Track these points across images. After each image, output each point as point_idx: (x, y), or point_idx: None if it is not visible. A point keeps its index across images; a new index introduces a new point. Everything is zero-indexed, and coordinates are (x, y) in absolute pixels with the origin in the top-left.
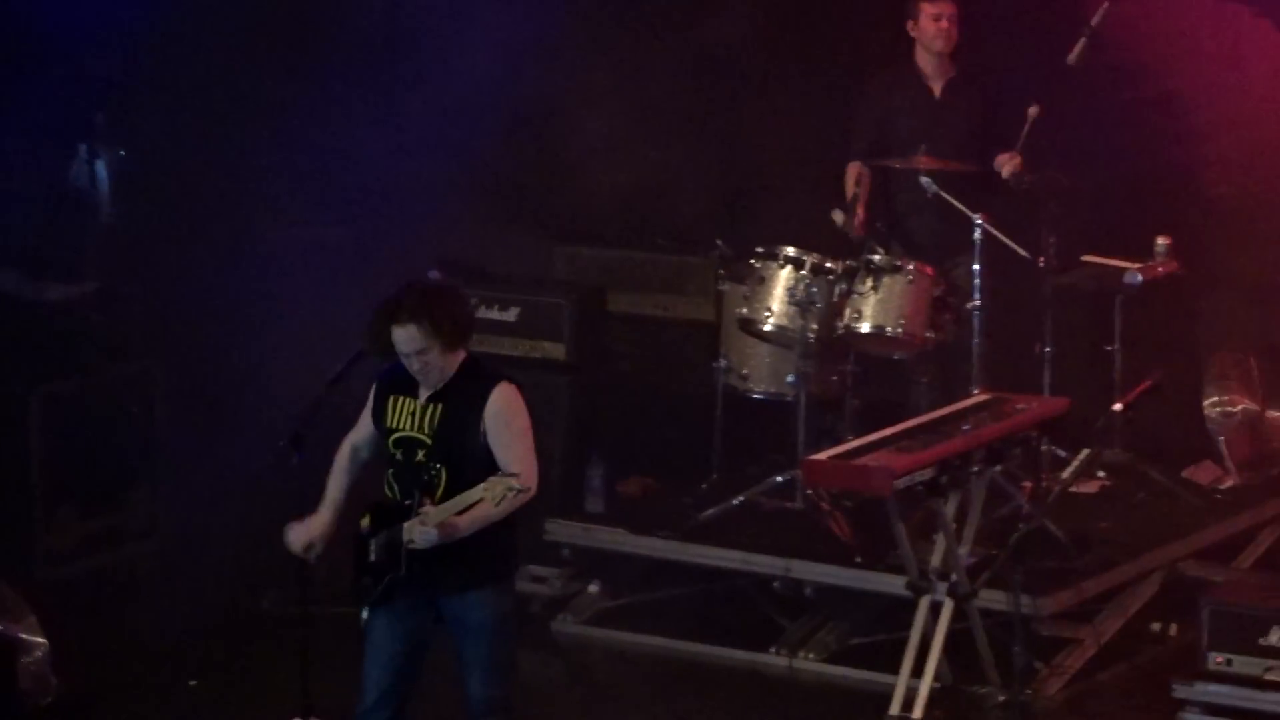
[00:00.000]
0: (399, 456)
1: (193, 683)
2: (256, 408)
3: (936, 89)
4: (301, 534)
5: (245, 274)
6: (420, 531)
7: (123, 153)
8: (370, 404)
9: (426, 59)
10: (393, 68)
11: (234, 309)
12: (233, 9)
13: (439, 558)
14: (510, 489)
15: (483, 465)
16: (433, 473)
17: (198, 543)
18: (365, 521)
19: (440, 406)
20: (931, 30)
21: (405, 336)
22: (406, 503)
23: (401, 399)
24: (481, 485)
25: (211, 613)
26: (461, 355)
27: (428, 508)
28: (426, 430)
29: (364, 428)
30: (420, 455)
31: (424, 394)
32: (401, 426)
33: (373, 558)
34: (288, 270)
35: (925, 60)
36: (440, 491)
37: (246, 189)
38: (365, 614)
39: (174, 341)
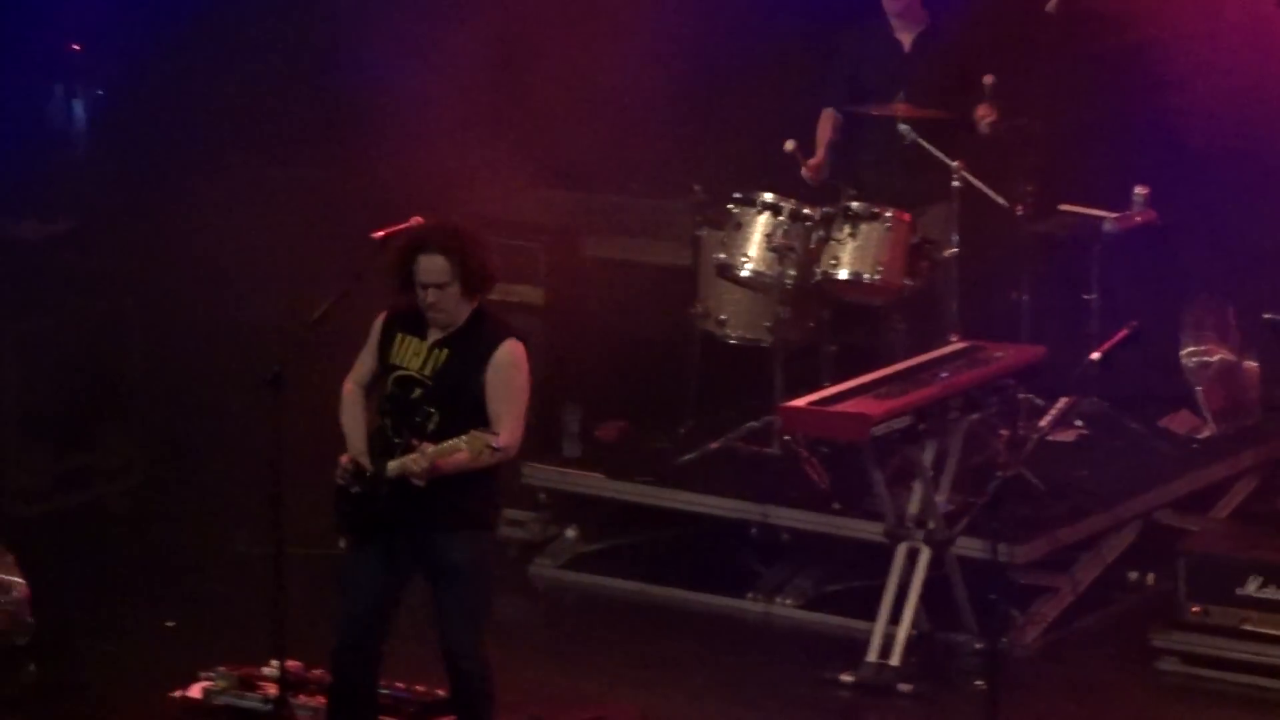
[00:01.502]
0: (396, 393)
1: (169, 623)
2: (231, 347)
3: (906, 41)
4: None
5: (220, 213)
6: (409, 467)
7: (100, 91)
8: (375, 339)
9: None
10: (367, 7)
11: (208, 248)
12: None
13: (421, 497)
14: (489, 447)
15: (477, 414)
16: (426, 414)
17: (171, 482)
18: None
19: (446, 352)
20: None
21: (431, 267)
22: (396, 441)
23: (409, 338)
24: (464, 437)
25: (186, 552)
26: (474, 304)
27: (424, 446)
28: (429, 372)
29: (364, 367)
30: (417, 393)
31: (432, 336)
32: (405, 365)
33: (355, 489)
34: (262, 210)
35: (893, 12)
36: (430, 434)
37: (221, 128)
38: (343, 544)
39: (148, 280)
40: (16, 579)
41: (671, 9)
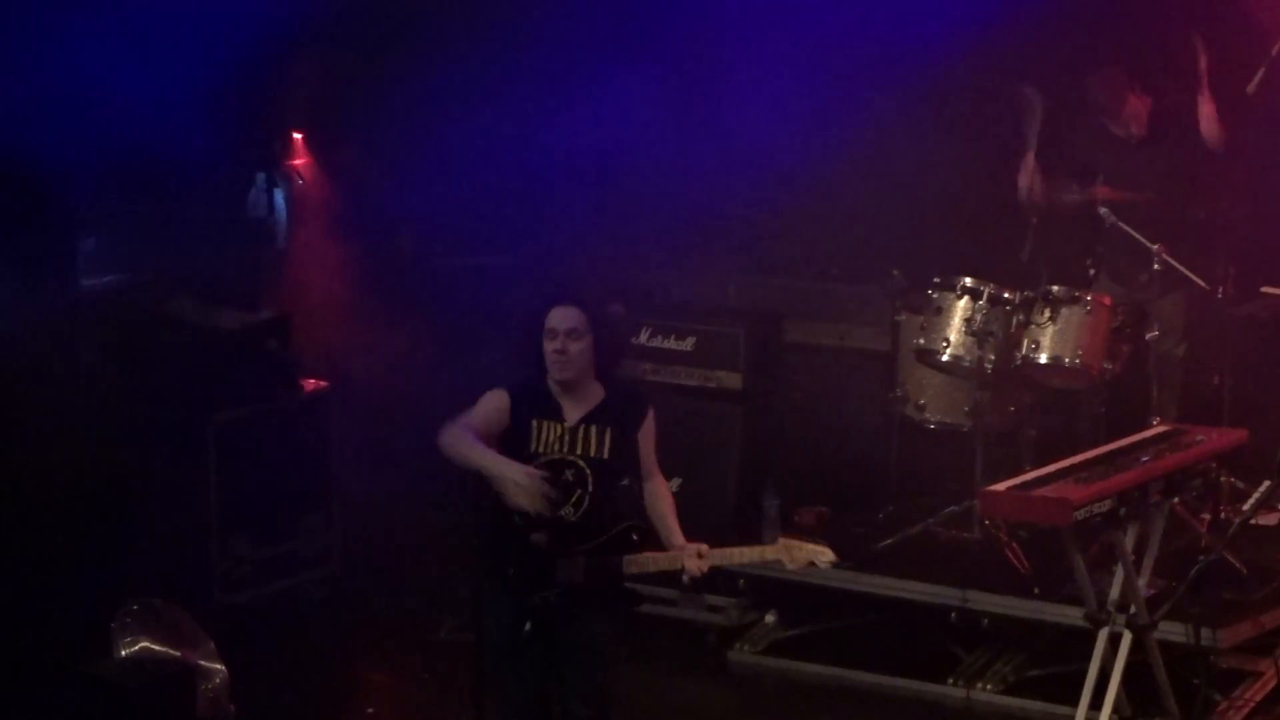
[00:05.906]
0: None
1: (370, 710)
2: (431, 436)
3: (1139, 132)
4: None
5: (419, 303)
6: (690, 569)
7: (300, 181)
8: (506, 416)
9: (600, 90)
10: (567, 97)
11: (408, 337)
12: (405, 44)
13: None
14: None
15: (622, 480)
16: (577, 495)
17: (372, 570)
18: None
19: (597, 429)
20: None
21: (564, 314)
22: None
23: (545, 423)
24: (773, 548)
25: (387, 640)
26: (597, 376)
27: (693, 547)
28: (580, 452)
29: (479, 421)
30: (569, 475)
31: (573, 416)
32: (549, 451)
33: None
34: (460, 299)
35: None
36: (584, 508)
37: (416, 217)
38: (528, 626)
39: (348, 369)
40: (217, 665)
41: (870, 94)
